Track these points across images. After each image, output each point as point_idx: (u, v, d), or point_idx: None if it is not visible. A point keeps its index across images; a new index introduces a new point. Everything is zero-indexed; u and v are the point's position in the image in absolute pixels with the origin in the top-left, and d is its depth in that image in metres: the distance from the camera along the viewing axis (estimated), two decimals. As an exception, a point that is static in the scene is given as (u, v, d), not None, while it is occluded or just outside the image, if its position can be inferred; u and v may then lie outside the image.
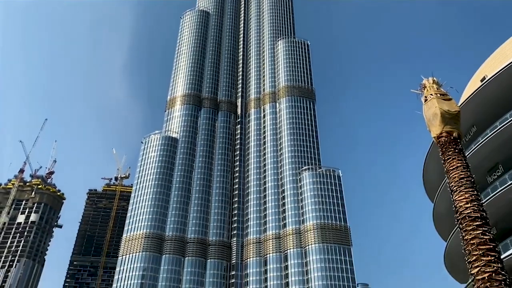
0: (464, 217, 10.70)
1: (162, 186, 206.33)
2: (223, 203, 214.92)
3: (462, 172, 11.37)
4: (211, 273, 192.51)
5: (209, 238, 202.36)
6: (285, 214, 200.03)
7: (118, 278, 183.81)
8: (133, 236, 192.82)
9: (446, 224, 55.75)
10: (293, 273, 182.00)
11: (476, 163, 43.48)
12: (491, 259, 9.80)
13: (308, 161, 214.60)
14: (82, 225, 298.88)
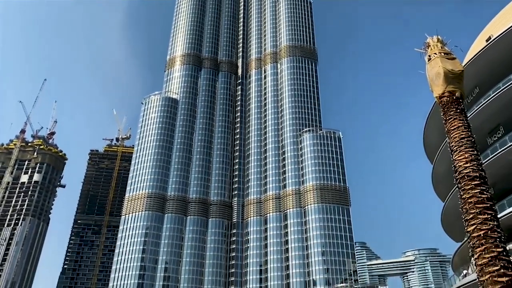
0: (463, 176, 10.76)
1: (163, 147, 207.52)
2: (224, 164, 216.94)
3: (463, 132, 11.32)
4: (213, 232, 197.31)
5: (210, 198, 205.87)
6: (285, 175, 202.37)
7: (122, 236, 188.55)
8: (136, 196, 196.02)
9: (444, 185, 56.38)
10: (292, 231, 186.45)
11: (477, 125, 43.37)
12: (487, 217, 9.94)
13: (308, 123, 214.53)
14: (85, 185, 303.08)
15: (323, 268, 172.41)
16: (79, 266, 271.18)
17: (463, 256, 50.97)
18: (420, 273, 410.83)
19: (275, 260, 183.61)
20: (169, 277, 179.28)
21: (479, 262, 9.74)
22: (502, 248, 9.70)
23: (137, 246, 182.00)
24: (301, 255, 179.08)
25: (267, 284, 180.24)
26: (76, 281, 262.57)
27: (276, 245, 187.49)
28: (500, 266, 9.42)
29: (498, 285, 9.25)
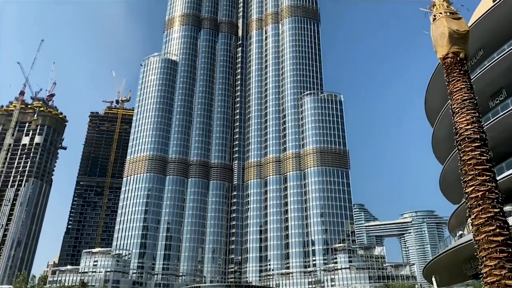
0: (464, 138, 10.77)
1: (163, 110, 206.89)
2: (224, 127, 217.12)
3: (466, 94, 11.23)
4: (214, 193, 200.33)
5: (211, 161, 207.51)
6: (286, 138, 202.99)
7: (124, 197, 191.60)
8: (137, 158, 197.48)
9: (444, 149, 56.58)
10: (292, 194, 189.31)
11: (480, 88, 42.95)
12: (486, 179, 10.04)
13: (310, 86, 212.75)
14: (86, 147, 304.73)
15: (322, 229, 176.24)
16: (83, 227, 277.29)
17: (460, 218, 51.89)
18: (416, 234, 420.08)
19: (275, 221, 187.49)
20: (171, 237, 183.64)
21: (476, 222, 9.92)
22: (499, 208, 9.85)
23: (140, 207, 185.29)
24: (300, 216, 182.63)
25: (267, 244, 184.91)
26: (80, 241, 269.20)
27: (276, 207, 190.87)
28: (496, 226, 9.60)
29: (493, 244, 9.47)
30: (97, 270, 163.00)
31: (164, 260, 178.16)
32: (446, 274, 51.05)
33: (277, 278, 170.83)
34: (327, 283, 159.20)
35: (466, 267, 48.67)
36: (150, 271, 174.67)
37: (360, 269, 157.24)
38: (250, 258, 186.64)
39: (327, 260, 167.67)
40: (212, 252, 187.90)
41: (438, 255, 53.74)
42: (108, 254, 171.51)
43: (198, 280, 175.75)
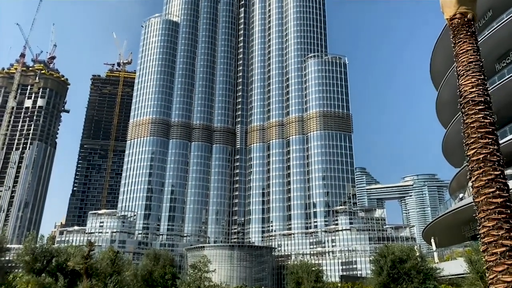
0: (468, 101, 10.69)
1: (165, 73, 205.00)
2: (227, 90, 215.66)
3: (472, 56, 11.04)
4: (217, 157, 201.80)
5: (214, 124, 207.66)
6: (289, 102, 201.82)
7: (128, 160, 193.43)
8: (140, 121, 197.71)
9: (447, 112, 56.30)
10: (294, 157, 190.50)
11: (487, 50, 42.15)
12: (488, 142, 10.05)
13: (314, 48, 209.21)
14: (89, 111, 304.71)
15: (323, 191, 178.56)
16: (88, 189, 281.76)
17: (461, 181, 52.38)
18: (417, 197, 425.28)
19: (277, 184, 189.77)
20: (175, 199, 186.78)
21: (476, 185, 10.03)
22: (500, 171, 9.93)
23: (144, 170, 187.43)
24: (302, 179, 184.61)
25: (269, 206, 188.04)
26: (86, 203, 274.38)
27: (278, 170, 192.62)
28: (495, 188, 9.71)
29: (492, 205, 9.62)
30: (103, 231, 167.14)
31: (169, 221, 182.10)
32: (445, 236, 52.09)
33: (279, 238, 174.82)
34: (328, 244, 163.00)
35: (465, 229, 49.60)
36: (155, 232, 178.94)
37: (361, 231, 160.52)
38: (253, 219, 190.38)
39: (328, 222, 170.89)
40: (215, 213, 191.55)
41: (438, 217, 54.65)
42: (113, 215, 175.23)
43: (202, 241, 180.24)
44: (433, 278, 24.95)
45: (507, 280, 9.11)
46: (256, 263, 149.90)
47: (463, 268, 25.03)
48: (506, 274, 9.14)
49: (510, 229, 9.40)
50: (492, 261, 9.43)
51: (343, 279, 42.95)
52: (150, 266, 42.81)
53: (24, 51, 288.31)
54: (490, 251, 9.51)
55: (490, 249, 9.53)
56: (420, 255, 26.33)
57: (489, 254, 9.54)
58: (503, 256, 9.26)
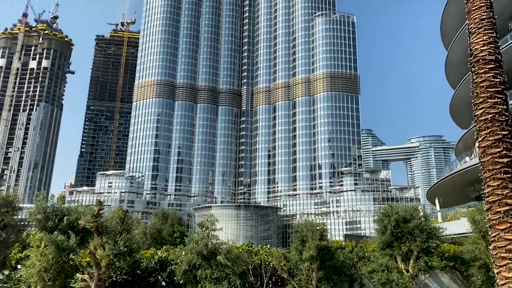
0: (478, 60, 10.48)
1: (169, 33, 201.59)
2: (232, 51, 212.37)
3: (484, 13, 10.71)
4: (223, 119, 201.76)
5: (219, 86, 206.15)
6: (296, 62, 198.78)
7: (135, 122, 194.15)
8: (145, 82, 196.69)
9: (457, 73, 55.37)
10: (300, 119, 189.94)
11: (501, 7, 40.81)
12: (497, 101, 9.94)
13: (321, 6, 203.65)
14: (94, 72, 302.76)
15: (329, 153, 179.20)
16: (96, 150, 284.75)
17: (467, 143, 52.23)
18: (423, 158, 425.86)
19: (283, 146, 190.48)
20: (182, 160, 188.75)
21: (483, 144, 10.01)
22: (508, 131, 9.87)
23: (150, 131, 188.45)
24: (308, 141, 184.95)
25: (275, 168, 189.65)
26: (94, 163, 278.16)
27: (284, 132, 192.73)
28: (502, 148, 9.70)
29: (498, 165, 9.64)
30: (112, 191, 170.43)
31: (176, 182, 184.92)
32: (449, 197, 52.60)
33: (285, 199, 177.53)
34: (333, 204, 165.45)
35: (470, 190, 49.97)
36: (163, 192, 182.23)
37: (365, 191, 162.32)
38: (259, 180, 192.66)
39: (333, 183, 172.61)
40: (222, 174, 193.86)
41: (443, 178, 54.96)
42: (122, 176, 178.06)
43: (209, 201, 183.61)
44: (436, 237, 25.41)
45: (509, 238, 9.28)
46: (262, 222, 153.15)
47: (466, 228, 25.45)
48: (509, 232, 9.30)
49: (515, 188, 9.46)
50: (495, 219, 9.58)
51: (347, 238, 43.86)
52: (159, 224, 43.93)
53: (26, 11, 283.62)
54: (494, 210, 9.64)
55: (494, 208, 9.65)
56: (424, 215, 26.69)
57: (493, 213, 9.68)
58: (507, 215, 9.39)
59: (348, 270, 26.27)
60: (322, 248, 24.00)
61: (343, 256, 26.66)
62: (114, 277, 23.72)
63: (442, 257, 26.88)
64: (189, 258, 21.94)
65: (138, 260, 24.47)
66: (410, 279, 24.53)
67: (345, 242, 33.00)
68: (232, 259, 22.23)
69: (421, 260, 24.88)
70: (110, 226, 21.78)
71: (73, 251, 21.24)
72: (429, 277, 28.46)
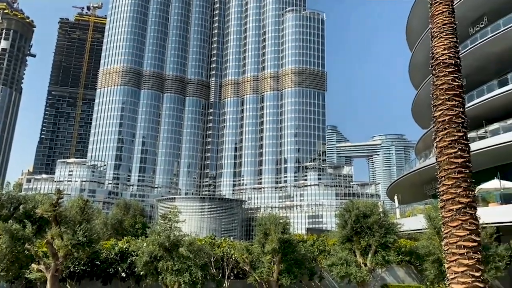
0: (439, 63, 10.89)
1: (137, 19, 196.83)
2: (202, 42, 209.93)
3: (446, 18, 11.13)
4: (190, 110, 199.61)
5: (187, 76, 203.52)
6: (265, 57, 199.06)
7: (98, 109, 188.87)
8: (111, 69, 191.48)
9: (420, 74, 57.11)
10: (268, 113, 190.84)
11: (463, 13, 42.35)
12: (455, 104, 10.38)
13: (292, 2, 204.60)
14: (57, 56, 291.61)
15: (295, 148, 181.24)
16: (57, 137, 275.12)
17: (427, 142, 54.15)
18: (385, 156, 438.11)
19: (250, 139, 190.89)
20: (147, 150, 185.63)
21: (440, 145, 10.43)
22: (463, 133, 10.34)
23: (114, 119, 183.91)
24: (275, 135, 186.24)
25: (241, 161, 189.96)
26: (55, 151, 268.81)
27: (252, 126, 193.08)
28: (458, 149, 10.15)
29: (453, 165, 10.09)
30: (73, 180, 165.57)
31: (140, 172, 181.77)
32: (408, 194, 54.48)
33: (250, 192, 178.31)
34: (296, 198, 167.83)
35: (427, 188, 51.94)
36: (125, 182, 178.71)
37: (328, 186, 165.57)
38: (225, 173, 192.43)
39: (298, 177, 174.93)
40: (187, 166, 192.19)
41: (403, 175, 56.83)
42: (83, 164, 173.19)
43: (173, 192, 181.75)
44: (394, 233, 26.29)
45: (460, 235, 9.76)
46: (226, 215, 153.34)
47: (422, 224, 26.43)
48: (460, 229, 9.77)
49: (467, 188, 9.96)
50: (448, 217, 10.03)
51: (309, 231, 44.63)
52: (120, 215, 43.19)
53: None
54: (447, 208, 10.10)
55: (447, 206, 10.11)
56: (383, 211, 27.53)
57: (446, 211, 10.14)
58: (459, 213, 9.86)
59: (308, 263, 26.77)
60: (284, 241, 24.34)
61: (304, 250, 27.14)
62: (72, 267, 23.16)
63: (399, 252, 27.86)
64: (150, 250, 21.70)
65: (97, 251, 23.98)
66: (367, 272, 25.29)
67: (307, 236, 33.61)
68: (194, 251, 22.16)
69: (379, 255, 25.68)
70: (69, 216, 21.18)
71: (29, 241, 20.54)
72: (385, 270, 29.46)
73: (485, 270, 20.71)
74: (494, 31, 40.08)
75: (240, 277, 27.34)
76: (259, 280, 25.13)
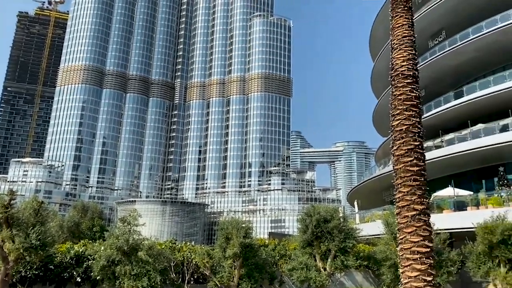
0: (398, 74, 11.27)
1: (101, 17, 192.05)
2: (168, 42, 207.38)
3: (406, 31, 11.54)
4: (153, 111, 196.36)
5: (152, 77, 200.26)
6: (232, 60, 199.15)
7: (57, 107, 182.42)
8: (71, 67, 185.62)
9: (381, 84, 58.88)
10: (234, 117, 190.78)
11: (423, 26, 44.08)
12: (412, 114, 10.75)
13: (260, 7, 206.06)
14: (14, 50, 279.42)
15: (259, 152, 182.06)
16: (11, 135, 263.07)
17: (386, 150, 55.81)
18: (346, 162, 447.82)
19: (215, 143, 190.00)
20: (107, 151, 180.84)
21: (397, 153, 10.77)
22: (419, 142, 10.72)
23: (74, 119, 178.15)
24: (240, 139, 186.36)
25: (205, 164, 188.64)
26: (9, 149, 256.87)
27: (217, 129, 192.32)
28: (414, 157, 10.52)
29: (409, 173, 10.45)
30: (28, 180, 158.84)
31: (99, 174, 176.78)
32: (367, 199, 55.82)
33: (213, 196, 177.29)
34: (260, 202, 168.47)
35: (386, 194, 53.47)
36: (84, 184, 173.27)
37: (291, 191, 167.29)
38: (188, 176, 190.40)
39: (262, 182, 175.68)
40: (149, 168, 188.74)
41: (363, 181, 58.24)
42: (39, 164, 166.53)
43: (134, 195, 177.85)
44: (353, 238, 26.80)
45: (414, 241, 10.09)
46: (188, 219, 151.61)
47: (380, 230, 27.11)
48: (414, 235, 10.10)
49: (422, 195, 10.33)
50: (403, 223, 10.35)
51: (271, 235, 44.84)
52: (78, 217, 41.71)
53: None
54: (403, 214, 10.42)
55: (403, 212, 10.43)
56: (343, 216, 28.03)
57: (402, 217, 10.46)
58: (413, 219, 10.19)
59: (269, 267, 26.84)
60: (246, 245, 24.29)
61: (265, 254, 27.20)
62: (23, 272, 22.14)
63: (357, 256, 28.46)
64: (108, 254, 21.09)
65: (51, 255, 23.03)
66: (327, 277, 25.65)
67: (269, 240, 33.72)
68: (153, 255, 21.73)
69: (338, 259, 26.11)
70: (22, 218, 20.24)
71: (-24, 244, 19.45)
72: (344, 275, 29.99)
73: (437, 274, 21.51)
74: (452, 45, 41.94)
75: (200, 282, 27.03)
76: (220, 285, 24.97)
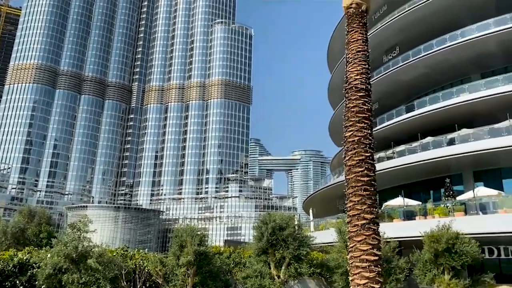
0: (351, 87, 11.66)
1: (56, 15, 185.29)
2: (126, 44, 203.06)
3: (360, 46, 11.96)
4: (109, 114, 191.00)
5: (108, 79, 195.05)
6: (192, 66, 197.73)
7: (5, 107, 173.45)
8: (22, 65, 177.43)
9: (338, 96, 60.47)
10: (192, 123, 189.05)
11: (378, 41, 45.80)
12: (364, 126, 11.15)
13: (222, 14, 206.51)
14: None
15: (218, 159, 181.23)
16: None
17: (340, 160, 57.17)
18: (303, 170, 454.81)
19: (172, 148, 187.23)
20: (58, 154, 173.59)
21: (349, 163, 11.11)
22: (370, 153, 11.12)
23: (23, 119, 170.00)
24: (198, 145, 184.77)
25: (161, 170, 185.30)
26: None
27: (175, 134, 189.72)
28: (364, 168, 10.89)
29: (360, 183, 10.80)
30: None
31: (49, 177, 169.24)
32: (322, 208, 56.85)
33: (168, 202, 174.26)
34: (216, 209, 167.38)
35: (340, 203, 54.60)
36: (32, 188, 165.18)
37: (248, 198, 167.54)
38: (143, 182, 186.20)
39: (219, 189, 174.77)
40: (102, 173, 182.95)
41: (318, 190, 59.31)
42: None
43: (86, 200, 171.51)
44: (307, 245, 27.14)
45: (363, 249, 10.40)
46: (141, 225, 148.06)
47: (333, 238, 27.67)
48: (363, 243, 10.41)
49: (372, 205, 10.67)
50: (354, 231, 10.64)
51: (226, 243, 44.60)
52: (23, 223, 39.60)
53: None
54: (353, 223, 10.72)
55: (353, 221, 10.73)
56: (298, 224, 28.40)
57: (352, 226, 10.75)
58: (363, 228, 10.50)
59: (223, 275, 26.63)
60: (200, 253, 23.99)
61: (220, 262, 26.98)
62: (-40, 282, 20.74)
63: (311, 264, 28.83)
64: (55, 261, 20.14)
65: (-8, 263, 21.74)
66: (280, 284, 25.80)
67: (224, 248, 33.54)
68: (104, 263, 20.98)
69: (292, 267, 26.34)
70: (-40, 224, 19.06)
71: None
72: (298, 282, 30.28)
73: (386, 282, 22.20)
74: (404, 61, 43.84)
75: (152, 290, 26.39)
76: (172, 293, 24.49)
